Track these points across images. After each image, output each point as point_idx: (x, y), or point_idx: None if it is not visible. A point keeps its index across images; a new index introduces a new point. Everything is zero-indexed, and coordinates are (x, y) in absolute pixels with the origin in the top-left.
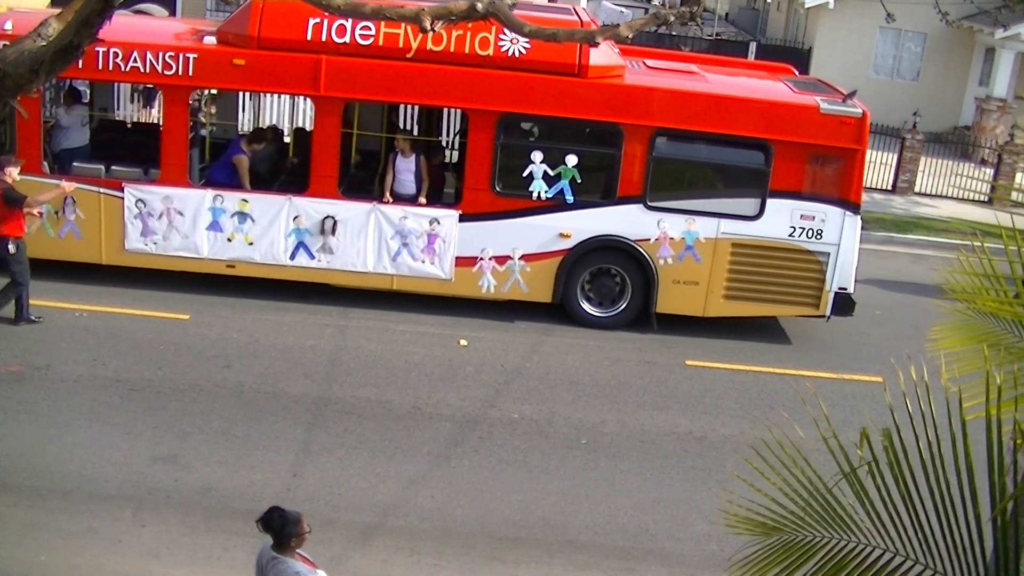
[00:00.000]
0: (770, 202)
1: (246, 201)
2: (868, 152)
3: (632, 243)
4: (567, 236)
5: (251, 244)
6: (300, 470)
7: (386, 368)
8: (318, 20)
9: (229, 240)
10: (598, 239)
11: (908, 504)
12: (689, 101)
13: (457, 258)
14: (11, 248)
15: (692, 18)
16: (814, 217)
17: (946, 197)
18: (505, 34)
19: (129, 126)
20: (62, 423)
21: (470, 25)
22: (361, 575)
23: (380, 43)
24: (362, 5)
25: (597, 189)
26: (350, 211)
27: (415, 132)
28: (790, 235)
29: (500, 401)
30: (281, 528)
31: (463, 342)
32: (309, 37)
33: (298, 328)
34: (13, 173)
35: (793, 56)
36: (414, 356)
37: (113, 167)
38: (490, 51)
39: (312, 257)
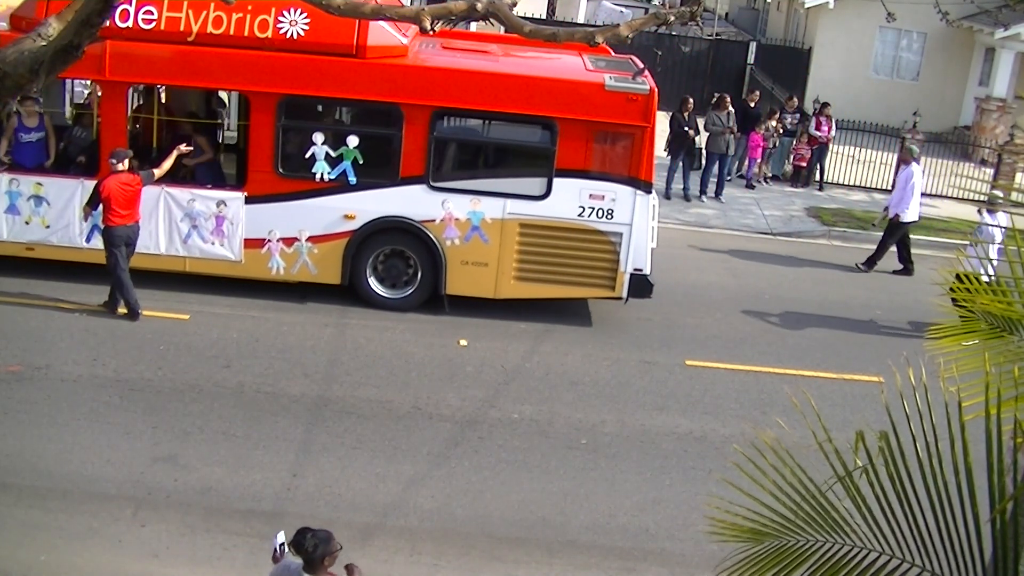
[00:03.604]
0: (557, 181)
1: (40, 184)
2: (865, 151)
3: (417, 224)
4: (352, 217)
5: (48, 227)
6: (300, 470)
7: (386, 368)
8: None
9: (27, 223)
10: (383, 220)
11: (905, 506)
12: (469, 80)
13: (246, 240)
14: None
15: (692, 18)
16: (604, 196)
17: (946, 197)
18: (284, 15)
19: None
20: (62, 423)
21: (249, 7)
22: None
23: (162, 27)
24: (362, 5)
25: (380, 170)
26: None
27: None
28: (579, 215)
29: (500, 401)
30: (314, 549)
31: (463, 342)
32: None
33: (298, 328)
34: (127, 163)
35: (793, 56)
36: (414, 356)
37: None
38: (269, 33)
39: None
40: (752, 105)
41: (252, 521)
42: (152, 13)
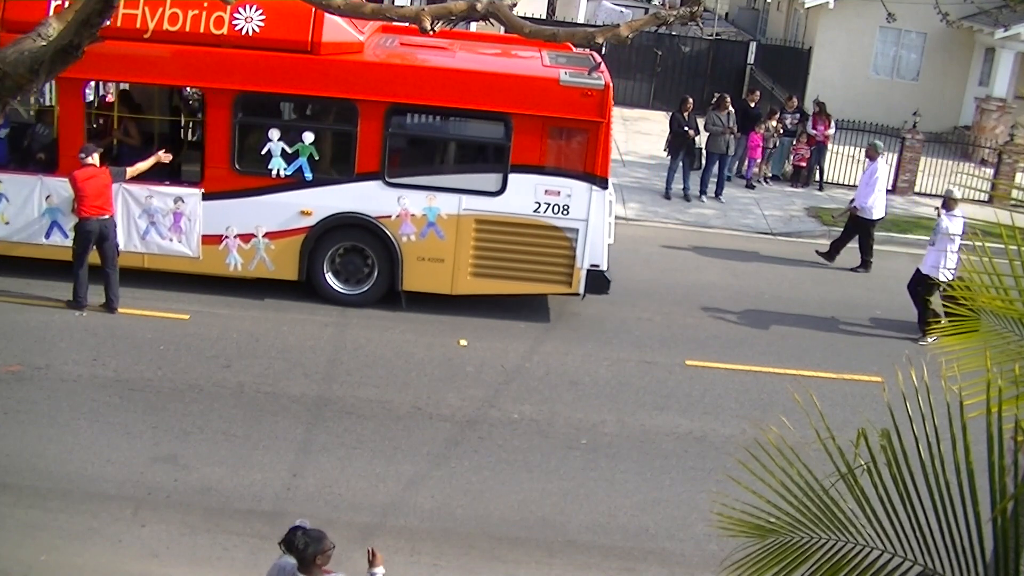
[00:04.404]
0: (512, 177)
1: (0, 182)
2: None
3: (373, 220)
4: (308, 213)
5: (7, 223)
6: (300, 470)
7: (386, 368)
8: (60, 2)
9: None
10: (339, 216)
11: (907, 504)
12: (423, 76)
13: (203, 236)
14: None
15: (692, 18)
16: (559, 192)
17: None
18: (239, 12)
19: None
20: (62, 423)
21: (205, 4)
22: (361, 575)
23: (118, 24)
24: (362, 5)
25: (335, 166)
26: None
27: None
28: (535, 211)
29: (500, 401)
30: (305, 548)
31: (463, 342)
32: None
33: (298, 328)
34: (96, 157)
35: (793, 56)
36: (414, 356)
37: None
38: (224, 30)
39: (66, 236)
40: (752, 105)
41: (252, 521)
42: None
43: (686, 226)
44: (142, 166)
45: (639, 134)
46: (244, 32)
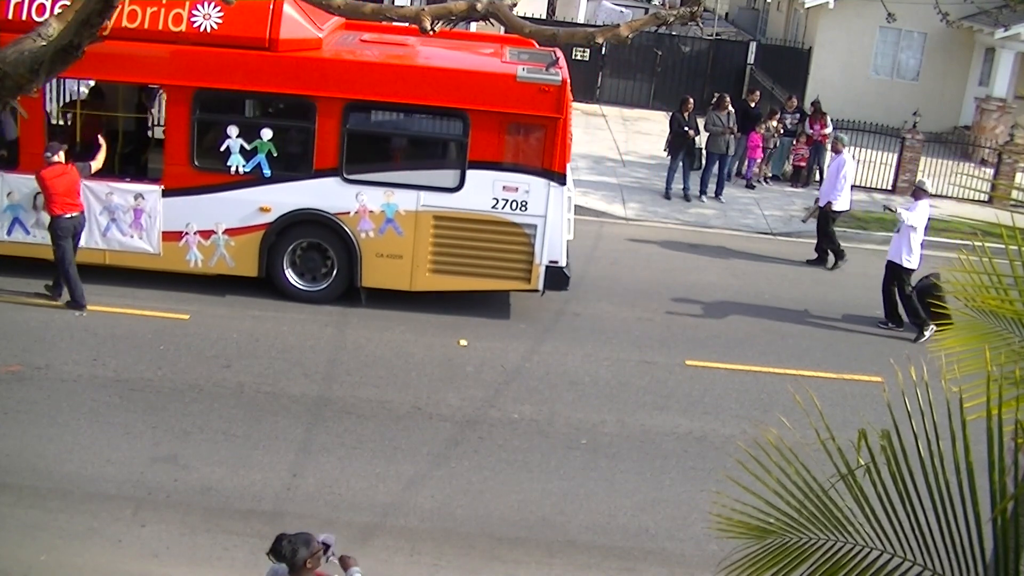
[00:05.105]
0: (470, 173)
1: None
2: (866, 151)
3: (331, 216)
4: (267, 210)
5: None
6: (300, 470)
7: (386, 368)
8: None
9: None
10: (298, 213)
11: (907, 505)
12: (381, 73)
13: (164, 233)
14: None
15: (692, 18)
16: (517, 188)
17: (946, 197)
18: (197, 9)
19: None
20: (62, 423)
21: (164, 0)
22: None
23: None
24: (362, 5)
25: (294, 163)
26: None
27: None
28: (493, 207)
29: (500, 401)
30: (293, 555)
31: (463, 342)
32: (10, 16)
33: (298, 328)
34: (62, 155)
35: (793, 56)
36: (414, 356)
37: None
38: (183, 27)
39: (28, 232)
40: (752, 105)
41: (252, 521)
42: (69, 6)
43: (686, 226)
44: (101, 157)
45: (639, 134)
46: (202, 29)
